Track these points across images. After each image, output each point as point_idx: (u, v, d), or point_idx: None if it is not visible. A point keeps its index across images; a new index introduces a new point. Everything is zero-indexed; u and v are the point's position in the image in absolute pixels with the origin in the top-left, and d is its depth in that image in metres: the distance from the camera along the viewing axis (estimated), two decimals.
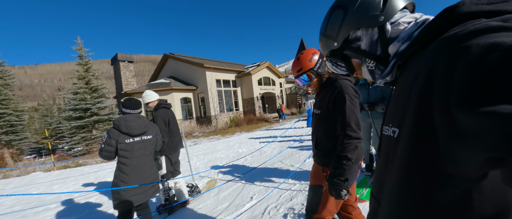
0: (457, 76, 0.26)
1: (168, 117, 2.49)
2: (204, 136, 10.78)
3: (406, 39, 0.43)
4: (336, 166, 1.10)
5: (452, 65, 0.28)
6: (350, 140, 1.09)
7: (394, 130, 0.40)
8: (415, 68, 0.36)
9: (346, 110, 1.11)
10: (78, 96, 10.98)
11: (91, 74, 11.50)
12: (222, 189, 3.04)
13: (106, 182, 4.17)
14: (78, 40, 11.49)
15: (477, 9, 0.32)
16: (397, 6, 0.46)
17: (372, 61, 0.50)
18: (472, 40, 0.27)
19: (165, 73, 17.74)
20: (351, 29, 0.50)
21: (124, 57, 13.82)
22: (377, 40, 0.48)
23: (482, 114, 0.23)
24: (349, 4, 0.49)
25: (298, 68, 1.23)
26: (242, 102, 16.81)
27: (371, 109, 2.62)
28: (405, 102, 0.37)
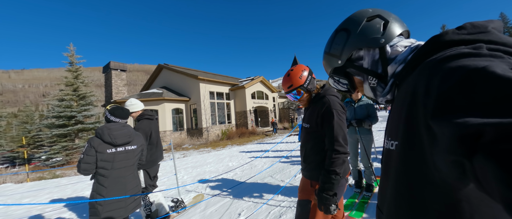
0: (432, 91, 0.31)
1: (150, 130, 2.37)
2: (194, 149, 10.49)
3: (401, 62, 0.49)
4: (325, 181, 1.11)
5: (429, 82, 0.33)
6: (338, 154, 1.11)
7: (392, 143, 0.44)
8: (406, 87, 0.41)
9: (334, 125, 1.14)
10: (63, 103, 10.56)
11: (80, 81, 11.22)
12: (210, 204, 2.90)
13: (84, 196, 3.89)
14: (71, 46, 11.35)
15: (458, 38, 0.37)
16: (394, 32, 0.53)
17: (374, 79, 0.55)
18: (446, 64, 0.32)
19: (158, 83, 17.59)
20: (354, 49, 0.55)
21: (117, 66, 13.68)
22: (378, 60, 0.54)
23: (443, 121, 0.27)
24: (352, 27, 0.56)
25: (288, 84, 1.26)
26: (235, 115, 16.76)
27: (359, 126, 2.70)
28: (399, 117, 0.41)
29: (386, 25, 0.53)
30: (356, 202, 2.54)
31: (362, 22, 0.55)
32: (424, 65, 0.38)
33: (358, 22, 0.55)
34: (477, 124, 0.23)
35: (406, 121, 0.38)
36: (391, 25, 0.53)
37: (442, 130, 0.27)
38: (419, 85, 0.35)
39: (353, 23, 0.56)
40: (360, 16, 0.56)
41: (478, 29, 0.37)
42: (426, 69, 0.36)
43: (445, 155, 0.28)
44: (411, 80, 0.40)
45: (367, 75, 0.56)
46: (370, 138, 2.76)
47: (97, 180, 1.63)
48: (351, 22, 0.57)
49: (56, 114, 10.29)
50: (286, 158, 5.31)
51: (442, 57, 0.34)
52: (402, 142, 0.39)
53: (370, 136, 2.76)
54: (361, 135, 2.75)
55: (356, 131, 2.79)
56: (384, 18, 0.54)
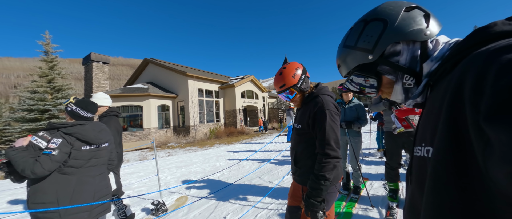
0: (485, 87, 0.26)
1: (120, 127, 2.22)
2: (180, 147, 10.13)
3: (439, 59, 0.43)
4: (313, 186, 1.05)
5: (481, 76, 0.27)
6: (329, 159, 1.04)
7: (427, 149, 0.37)
8: (446, 85, 0.35)
9: (325, 127, 1.07)
10: (36, 96, 9.73)
11: (56, 72, 10.40)
12: (193, 207, 2.75)
13: None
14: (46, 35, 10.47)
15: (509, 29, 0.32)
16: (438, 24, 0.47)
17: (411, 78, 0.48)
18: (503, 54, 0.26)
19: (143, 78, 16.83)
20: (392, 42, 0.47)
21: (98, 58, 12.85)
22: (418, 56, 0.47)
23: (502, 124, 0.22)
24: (389, 17, 0.48)
25: (281, 84, 1.18)
26: (224, 113, 16.50)
27: (348, 128, 2.69)
28: (435, 119, 0.36)
29: (428, 17, 0.47)
30: (344, 204, 2.52)
31: (400, 11, 0.47)
32: (473, 57, 0.31)
33: (397, 12, 0.47)
34: None
35: (449, 123, 0.31)
36: (432, 17, 0.47)
37: (501, 133, 0.22)
38: (466, 79, 0.29)
39: (390, 13, 0.48)
40: (397, 6, 0.48)
41: None
42: (476, 60, 0.30)
43: (504, 166, 0.23)
44: (453, 76, 0.34)
45: (403, 73, 0.48)
46: (359, 140, 2.77)
47: (60, 180, 1.39)
48: (387, 11, 0.49)
49: (28, 107, 9.46)
50: (274, 159, 5.26)
51: (497, 47, 0.28)
52: (443, 147, 0.32)
53: (359, 138, 2.77)
54: (351, 137, 2.75)
55: (345, 133, 2.79)
56: (425, 10, 0.47)
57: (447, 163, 0.31)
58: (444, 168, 0.32)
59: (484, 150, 0.26)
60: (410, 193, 0.45)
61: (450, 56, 0.39)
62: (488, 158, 0.26)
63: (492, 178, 0.26)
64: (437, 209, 0.33)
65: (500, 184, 0.25)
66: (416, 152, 0.43)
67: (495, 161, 0.24)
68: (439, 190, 0.33)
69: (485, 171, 0.27)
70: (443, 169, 0.32)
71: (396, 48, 0.48)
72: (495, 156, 0.24)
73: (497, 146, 0.23)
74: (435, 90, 0.41)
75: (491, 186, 0.27)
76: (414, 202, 0.43)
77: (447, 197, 0.32)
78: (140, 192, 3.47)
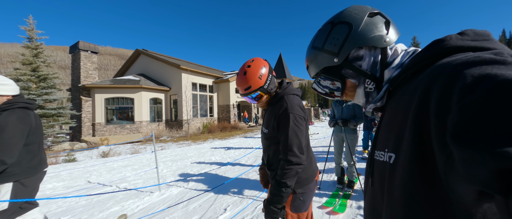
0: (451, 104, 0.26)
1: (29, 124, 1.52)
2: (173, 141, 10.04)
3: (399, 67, 0.46)
4: (273, 193, 1.00)
5: (447, 92, 0.28)
6: (291, 165, 0.99)
7: (390, 156, 0.39)
8: (408, 93, 0.37)
9: (288, 132, 1.01)
10: (19, 84, 9.19)
11: (41, 60, 9.85)
12: (192, 200, 2.79)
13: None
14: (30, 20, 9.85)
15: (462, 44, 0.34)
16: (396, 32, 0.49)
17: (372, 83, 0.49)
18: (467, 70, 0.27)
19: (134, 69, 16.32)
20: (355, 46, 0.48)
21: (86, 47, 12.26)
22: (378, 62, 0.49)
23: (470, 145, 0.23)
24: (354, 21, 0.49)
25: (245, 86, 1.06)
26: (218, 108, 16.41)
27: (345, 125, 2.82)
28: (400, 127, 0.37)
29: (388, 24, 0.49)
30: (340, 195, 2.66)
31: (364, 17, 0.48)
32: (437, 69, 0.32)
33: (361, 17, 0.49)
34: None
35: (413, 131, 0.32)
36: (392, 25, 0.49)
37: (466, 154, 0.23)
38: (431, 91, 0.30)
39: (355, 17, 0.49)
40: (361, 11, 0.50)
41: (481, 36, 0.35)
42: (440, 73, 0.31)
43: (469, 184, 0.24)
44: (415, 84, 0.35)
45: (365, 78, 0.50)
46: (355, 137, 2.90)
47: None
48: (352, 15, 0.50)
49: None
50: None
51: (460, 61, 0.29)
52: (409, 156, 0.33)
53: (355, 135, 2.90)
54: (347, 134, 2.88)
55: (342, 130, 2.92)
56: (386, 17, 0.49)
57: (413, 171, 0.32)
58: (411, 177, 0.33)
59: (445, 162, 0.27)
60: (371, 195, 0.47)
61: (410, 65, 0.40)
62: (450, 171, 0.27)
63: (453, 189, 0.28)
64: (406, 216, 0.35)
65: (460, 196, 0.27)
66: (378, 157, 0.43)
67: (457, 177, 0.25)
68: (406, 198, 0.34)
69: (446, 181, 0.28)
70: (410, 177, 0.33)
71: (359, 53, 0.49)
72: (457, 172, 0.25)
73: (460, 164, 0.24)
74: (396, 96, 0.43)
75: (450, 194, 0.29)
76: (375, 204, 0.45)
77: (415, 204, 0.33)
78: (137, 185, 3.46)
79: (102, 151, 7.21)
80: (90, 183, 3.70)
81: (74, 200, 2.90)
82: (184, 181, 3.60)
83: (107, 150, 7.06)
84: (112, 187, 3.41)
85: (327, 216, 2.22)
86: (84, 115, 11.55)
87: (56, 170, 4.69)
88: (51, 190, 3.39)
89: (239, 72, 1.10)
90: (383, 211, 0.41)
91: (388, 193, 0.39)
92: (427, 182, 0.31)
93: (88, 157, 6.74)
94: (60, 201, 2.89)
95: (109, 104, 12.35)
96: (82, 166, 5.15)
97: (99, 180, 3.86)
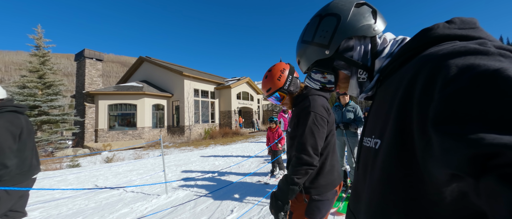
0: (434, 93, 0.27)
1: (20, 127, 1.48)
2: (175, 147, 10.10)
3: (388, 56, 0.46)
4: (281, 187, 0.99)
5: (431, 82, 0.28)
6: (301, 163, 0.97)
7: (376, 142, 0.40)
8: (395, 83, 0.37)
9: (305, 130, 0.99)
10: (25, 91, 9.39)
11: (48, 67, 10.10)
12: (199, 202, 2.87)
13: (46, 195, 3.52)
14: (39, 29, 10.18)
15: (449, 33, 0.35)
16: (383, 21, 0.50)
17: (364, 73, 0.50)
18: (451, 60, 0.28)
19: (137, 76, 16.59)
20: (345, 37, 0.48)
21: (92, 54, 12.57)
22: (369, 52, 0.49)
23: (448, 133, 0.24)
24: (341, 12, 0.49)
25: (267, 88, 1.13)
26: (219, 114, 16.54)
27: (346, 129, 2.88)
28: (386, 114, 0.38)
29: (375, 13, 0.49)
30: (344, 197, 2.73)
31: (351, 7, 0.49)
32: (423, 58, 0.33)
33: (348, 8, 0.49)
34: (497, 144, 0.20)
35: (397, 119, 0.34)
36: (379, 14, 0.49)
37: (445, 142, 0.24)
38: (416, 80, 0.31)
39: (343, 8, 0.49)
40: (348, 1, 0.50)
41: (468, 24, 0.35)
42: (425, 63, 0.32)
43: (445, 168, 0.25)
44: (402, 75, 0.36)
45: (357, 68, 0.50)
46: (356, 140, 2.97)
47: None
48: (340, 6, 0.50)
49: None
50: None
51: (445, 51, 0.30)
52: (390, 141, 0.35)
53: (356, 138, 2.97)
54: (348, 137, 2.95)
55: (343, 134, 3.00)
56: (372, 7, 0.50)
57: (393, 156, 0.34)
58: (391, 161, 0.34)
59: (424, 148, 0.28)
60: (355, 179, 0.49)
61: (399, 54, 0.41)
62: (428, 156, 0.28)
63: (428, 171, 0.29)
64: (383, 196, 0.36)
65: (434, 177, 0.29)
66: (365, 143, 0.45)
67: (436, 161, 0.26)
68: (385, 179, 0.36)
69: (423, 164, 0.30)
70: (390, 161, 0.35)
71: (350, 44, 0.50)
72: (435, 157, 0.26)
73: (438, 150, 0.25)
74: (384, 86, 0.43)
75: (426, 176, 0.30)
76: (356, 187, 0.47)
77: (392, 185, 0.35)
78: (143, 189, 3.53)
79: (105, 156, 7.29)
80: (98, 187, 3.77)
81: (83, 203, 2.98)
82: (189, 184, 3.67)
83: (111, 156, 7.14)
84: (119, 191, 3.49)
85: (332, 217, 2.30)
86: (87, 121, 11.69)
87: (63, 175, 4.77)
88: (60, 193, 3.47)
89: (263, 77, 1.18)
90: (363, 194, 0.42)
91: (369, 176, 0.40)
92: (404, 165, 0.33)
93: (91, 162, 6.81)
94: (70, 203, 2.97)
95: (112, 110, 12.51)
96: (88, 171, 5.23)
97: (106, 184, 3.94)
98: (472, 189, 0.24)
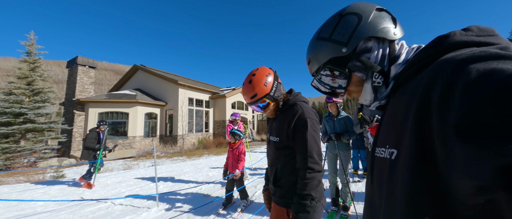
0: (455, 100, 0.26)
1: None
2: (167, 157, 9.82)
3: (404, 63, 0.45)
4: (298, 210, 0.90)
5: (450, 87, 0.27)
6: (313, 173, 0.92)
7: (391, 152, 0.37)
8: (410, 89, 0.36)
9: (307, 138, 0.95)
10: (11, 98, 9.03)
11: (37, 74, 9.83)
12: (192, 215, 2.76)
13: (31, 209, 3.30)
14: (31, 35, 10.03)
15: (467, 39, 0.34)
16: (402, 29, 0.49)
17: (380, 77, 0.48)
18: (472, 65, 0.26)
19: (131, 84, 16.38)
20: (366, 36, 0.47)
21: (85, 62, 12.39)
22: (386, 56, 0.48)
23: (472, 141, 0.23)
24: (363, 12, 0.49)
25: (251, 94, 1.03)
26: (213, 123, 16.37)
27: (338, 139, 2.67)
28: (402, 123, 0.36)
29: (395, 20, 0.49)
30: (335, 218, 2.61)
31: (373, 10, 0.49)
32: (440, 64, 0.32)
33: (370, 10, 0.49)
34: None
35: (415, 128, 0.32)
36: (398, 22, 0.49)
37: (471, 152, 0.23)
38: (434, 87, 0.30)
39: (364, 9, 0.49)
40: (369, 5, 0.50)
41: (486, 32, 0.34)
42: (443, 68, 0.30)
43: (472, 180, 0.23)
44: (418, 80, 0.35)
45: (373, 72, 0.48)
46: (348, 154, 2.77)
47: None
48: (361, 7, 0.50)
49: (1, 109, 8.71)
50: None
51: (464, 56, 0.29)
52: (410, 152, 0.32)
53: (348, 151, 2.77)
54: (340, 150, 2.73)
55: (335, 146, 2.76)
56: (391, 14, 0.50)
57: (415, 168, 0.31)
58: (412, 174, 0.32)
59: (446, 158, 0.26)
60: (370, 193, 0.45)
61: (414, 61, 0.39)
62: (451, 167, 0.26)
63: (453, 184, 0.27)
64: (405, 215, 0.33)
65: (460, 191, 0.26)
66: (378, 153, 0.42)
67: (460, 173, 0.25)
68: (408, 196, 0.33)
69: (446, 177, 0.28)
70: (411, 174, 0.32)
71: (368, 45, 0.48)
72: (461, 168, 0.24)
73: (463, 160, 0.23)
74: (398, 94, 0.42)
75: (451, 190, 0.28)
76: (372, 202, 0.43)
77: (416, 202, 0.31)
78: (133, 201, 3.38)
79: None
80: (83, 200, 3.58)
81: (68, 217, 2.80)
82: (182, 197, 3.55)
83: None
84: (107, 203, 3.32)
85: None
86: (75, 130, 11.26)
87: (46, 187, 4.50)
88: (42, 207, 3.26)
89: (244, 82, 1.08)
90: (381, 209, 0.39)
91: (387, 189, 0.37)
92: (428, 179, 0.30)
93: (77, 173, 6.48)
94: (53, 217, 2.79)
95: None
96: (74, 182, 4.96)
97: (93, 196, 3.74)
98: (505, 203, 0.22)
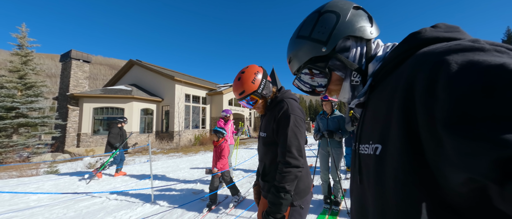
0: (439, 92, 0.26)
1: None
2: (163, 153, 9.80)
3: (381, 60, 0.46)
4: (272, 201, 0.95)
5: (432, 80, 0.27)
6: (290, 168, 0.95)
7: (375, 147, 0.37)
8: (391, 84, 0.37)
9: (287, 133, 0.98)
10: (3, 91, 8.83)
11: (30, 67, 9.62)
12: (186, 210, 2.79)
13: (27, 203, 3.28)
14: (23, 27, 9.77)
15: (437, 35, 0.35)
16: (378, 28, 0.50)
17: (358, 75, 0.48)
18: (449, 56, 0.27)
19: (127, 79, 16.18)
20: (344, 35, 0.47)
21: (79, 56, 12.17)
22: (364, 54, 0.49)
23: (465, 135, 0.22)
24: (341, 11, 0.48)
25: (240, 90, 1.08)
26: (210, 120, 16.35)
27: (330, 137, 2.70)
28: (384, 118, 0.36)
29: (371, 19, 0.49)
30: (327, 216, 2.61)
31: (350, 8, 0.49)
32: (420, 57, 0.32)
33: (348, 8, 0.49)
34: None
35: (400, 122, 0.31)
36: (374, 20, 0.50)
37: (461, 145, 0.22)
38: (415, 79, 0.30)
39: (342, 7, 0.49)
40: (347, 3, 0.50)
41: (453, 28, 0.36)
42: (423, 61, 0.31)
43: (463, 172, 0.23)
44: (398, 74, 0.36)
45: (351, 70, 0.49)
46: (340, 152, 2.80)
47: None
48: (339, 5, 0.50)
49: None
50: None
51: (441, 49, 0.29)
52: (398, 147, 0.32)
53: (340, 149, 2.81)
54: (332, 148, 2.77)
55: (328, 144, 2.79)
56: (367, 12, 0.50)
57: (404, 161, 0.31)
58: (402, 166, 0.31)
59: (434, 150, 0.26)
60: (359, 192, 0.44)
61: (391, 58, 0.40)
62: (440, 159, 0.26)
63: (444, 175, 0.27)
64: (398, 210, 0.33)
65: (452, 181, 0.26)
66: (363, 150, 0.42)
67: (452, 166, 0.25)
68: (399, 189, 0.32)
69: (435, 168, 0.28)
70: (401, 167, 0.32)
71: (346, 44, 0.49)
72: (452, 161, 0.24)
73: (454, 153, 0.23)
74: (377, 90, 0.42)
75: (440, 179, 0.28)
76: (359, 199, 0.44)
77: (408, 194, 0.31)
78: (128, 196, 3.39)
79: (88, 162, 6.92)
80: (77, 194, 3.57)
81: (61, 212, 2.81)
82: (176, 192, 3.57)
83: (93, 162, 6.79)
84: (102, 198, 3.32)
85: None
86: (69, 125, 11.12)
87: (40, 182, 4.47)
88: (35, 202, 3.24)
89: (235, 79, 1.12)
90: (371, 206, 0.39)
91: (375, 185, 0.37)
92: (418, 171, 0.30)
93: (72, 168, 6.44)
94: (46, 212, 2.78)
95: (97, 114, 12.02)
96: (68, 177, 4.93)
97: (87, 191, 3.73)
98: (496, 194, 0.22)
